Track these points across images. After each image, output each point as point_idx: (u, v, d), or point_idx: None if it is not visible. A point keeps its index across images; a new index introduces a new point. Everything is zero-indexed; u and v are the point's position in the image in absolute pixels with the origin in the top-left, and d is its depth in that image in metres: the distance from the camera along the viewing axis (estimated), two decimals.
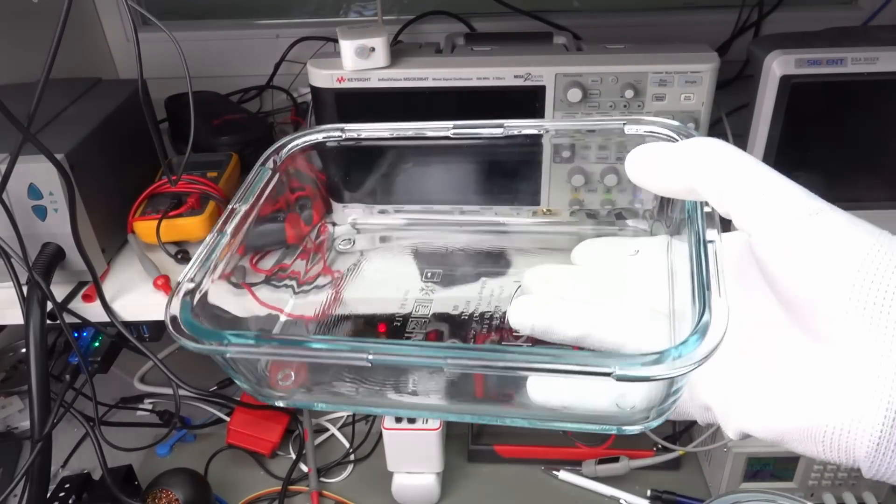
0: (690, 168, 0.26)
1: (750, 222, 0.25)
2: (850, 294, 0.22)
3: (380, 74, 0.56)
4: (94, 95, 0.70)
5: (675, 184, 0.27)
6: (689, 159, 0.27)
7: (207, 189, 0.67)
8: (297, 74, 0.89)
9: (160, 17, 0.55)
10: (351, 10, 0.95)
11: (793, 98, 0.56)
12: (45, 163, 0.53)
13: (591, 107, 0.56)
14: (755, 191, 0.25)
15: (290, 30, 0.90)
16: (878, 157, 0.59)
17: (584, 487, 0.86)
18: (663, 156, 0.27)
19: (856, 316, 0.22)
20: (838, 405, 0.22)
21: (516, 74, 0.55)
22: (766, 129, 0.57)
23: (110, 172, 0.65)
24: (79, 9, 0.84)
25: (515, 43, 0.61)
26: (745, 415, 0.25)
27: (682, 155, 0.27)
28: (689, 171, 0.26)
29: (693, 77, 0.55)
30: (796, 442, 0.24)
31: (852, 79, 0.55)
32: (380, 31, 0.55)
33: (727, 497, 0.62)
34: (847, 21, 0.84)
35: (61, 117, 0.64)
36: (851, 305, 0.22)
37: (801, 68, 0.55)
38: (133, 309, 0.60)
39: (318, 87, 0.57)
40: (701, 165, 0.26)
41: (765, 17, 0.84)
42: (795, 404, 0.23)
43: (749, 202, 0.25)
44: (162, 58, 0.63)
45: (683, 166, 0.27)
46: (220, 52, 0.91)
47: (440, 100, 0.57)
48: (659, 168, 0.27)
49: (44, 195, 0.56)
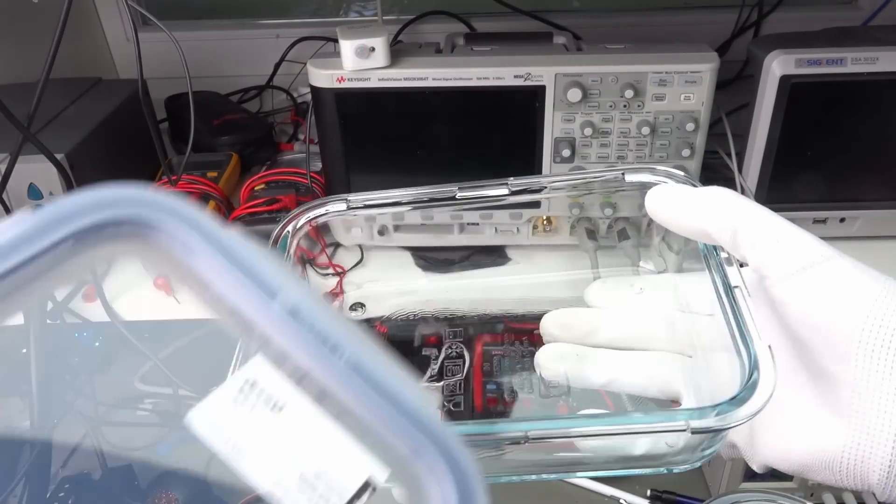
0: (708, 212, 0.29)
1: (767, 266, 0.27)
2: (861, 337, 0.24)
3: (380, 74, 0.56)
4: (94, 95, 0.70)
5: (691, 224, 0.29)
6: (708, 204, 0.29)
7: (207, 189, 0.67)
8: (297, 74, 0.89)
9: (160, 16, 0.55)
10: (351, 10, 0.95)
11: (793, 98, 0.56)
12: (45, 163, 0.53)
13: (590, 107, 0.56)
14: (771, 237, 0.27)
15: (290, 30, 0.90)
16: (877, 157, 0.59)
17: (584, 487, 0.86)
18: (682, 198, 0.30)
19: (865, 357, 0.24)
20: (852, 439, 0.25)
21: (516, 74, 0.55)
22: (765, 129, 0.57)
23: (110, 172, 0.65)
24: (79, 9, 0.84)
25: (515, 43, 0.61)
26: (768, 450, 0.28)
27: (701, 199, 0.29)
28: (707, 215, 0.29)
29: (693, 77, 0.55)
30: (815, 472, 0.26)
31: (852, 79, 0.55)
32: (380, 31, 0.55)
33: (727, 497, 0.62)
34: (847, 21, 0.84)
35: (61, 117, 0.64)
36: (861, 348, 0.24)
37: (800, 68, 0.55)
38: (134, 309, 0.60)
39: (318, 87, 0.57)
40: (718, 210, 0.28)
41: (765, 16, 0.84)
42: (813, 439, 0.26)
43: (766, 247, 0.27)
44: (162, 58, 0.63)
45: (701, 209, 0.29)
46: (220, 52, 0.91)
47: (440, 100, 0.57)
48: (677, 208, 0.30)
49: (44, 195, 0.56)
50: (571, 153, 0.58)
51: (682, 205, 0.30)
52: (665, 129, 0.57)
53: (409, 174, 0.61)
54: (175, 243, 0.15)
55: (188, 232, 0.15)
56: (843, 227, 0.63)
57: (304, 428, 0.18)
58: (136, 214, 0.15)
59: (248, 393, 0.19)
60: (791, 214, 0.69)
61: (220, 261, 0.15)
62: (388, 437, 0.15)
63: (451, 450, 0.15)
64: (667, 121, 0.57)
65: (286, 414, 0.19)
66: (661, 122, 0.57)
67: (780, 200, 0.61)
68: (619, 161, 0.59)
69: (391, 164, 0.61)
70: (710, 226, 0.28)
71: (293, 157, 0.76)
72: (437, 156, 0.60)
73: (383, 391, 0.15)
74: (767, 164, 0.59)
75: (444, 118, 0.59)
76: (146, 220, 0.15)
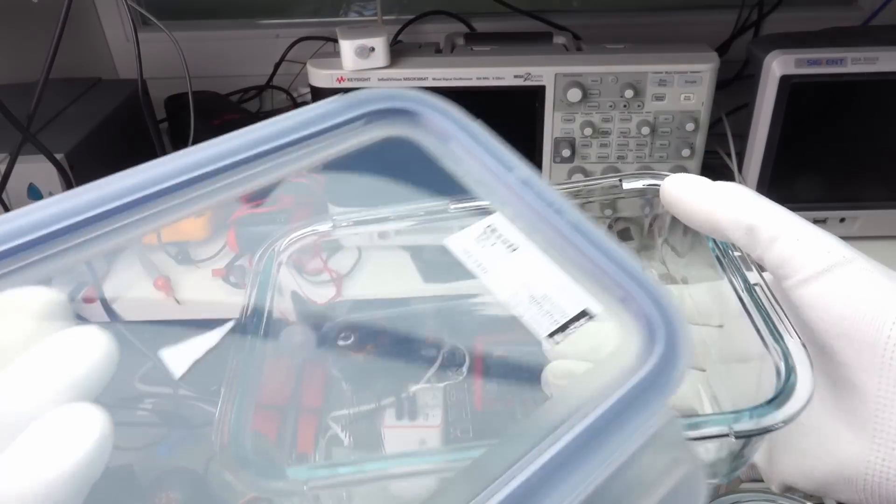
0: (725, 205, 0.28)
1: (786, 266, 0.26)
2: (887, 345, 0.23)
3: (379, 74, 0.56)
4: (94, 95, 0.70)
5: (706, 217, 0.28)
6: (725, 197, 0.28)
7: None
8: (296, 74, 0.89)
9: (160, 17, 0.55)
10: (351, 10, 0.95)
11: (792, 98, 0.56)
12: (44, 163, 0.53)
13: (590, 107, 0.56)
14: (791, 235, 0.26)
15: (289, 30, 0.90)
16: (877, 156, 0.59)
17: None
18: (699, 189, 0.29)
19: (892, 367, 0.23)
20: (877, 455, 0.23)
21: (516, 74, 0.55)
22: (765, 129, 0.57)
23: (110, 172, 0.65)
24: (78, 9, 0.84)
25: (515, 43, 0.61)
26: (787, 469, 0.26)
27: (718, 192, 0.28)
28: (723, 208, 0.27)
29: (693, 77, 0.55)
30: (838, 491, 0.25)
31: (852, 79, 0.55)
32: (379, 31, 0.55)
33: (727, 497, 0.62)
34: (847, 21, 0.84)
35: (61, 117, 0.64)
36: (888, 357, 0.23)
37: (800, 68, 0.55)
38: (134, 309, 0.60)
39: (317, 87, 0.57)
40: (735, 205, 0.27)
41: (765, 16, 0.84)
42: (835, 456, 0.24)
43: (785, 246, 0.26)
44: (161, 58, 0.63)
45: (718, 202, 0.28)
46: (220, 51, 0.91)
47: None
48: (694, 198, 0.29)
49: (43, 195, 0.56)
50: (571, 153, 0.58)
51: (699, 195, 0.29)
52: (665, 129, 0.57)
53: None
54: (436, 128, 0.21)
55: (446, 121, 0.21)
56: (843, 227, 0.63)
57: (533, 265, 0.24)
58: (410, 106, 0.21)
59: (490, 234, 0.25)
60: None
61: (470, 143, 0.21)
62: (602, 283, 0.18)
63: (658, 300, 0.17)
64: (667, 121, 0.57)
65: (519, 254, 0.24)
66: (661, 122, 0.57)
67: (780, 200, 0.61)
68: (620, 161, 0.59)
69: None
70: (726, 220, 0.27)
71: None
72: None
73: (598, 245, 0.18)
74: (767, 163, 0.59)
75: None
76: (417, 111, 0.21)
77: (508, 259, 0.25)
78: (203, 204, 0.18)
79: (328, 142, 0.20)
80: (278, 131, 0.19)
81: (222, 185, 0.18)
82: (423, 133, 0.21)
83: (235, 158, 0.18)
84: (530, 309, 0.24)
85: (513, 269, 0.24)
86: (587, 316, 0.23)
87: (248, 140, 0.19)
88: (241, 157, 0.18)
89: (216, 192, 0.18)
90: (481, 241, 0.25)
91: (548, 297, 0.24)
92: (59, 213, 0.18)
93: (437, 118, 0.21)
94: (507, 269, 0.25)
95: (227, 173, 0.18)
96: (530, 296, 0.24)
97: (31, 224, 0.18)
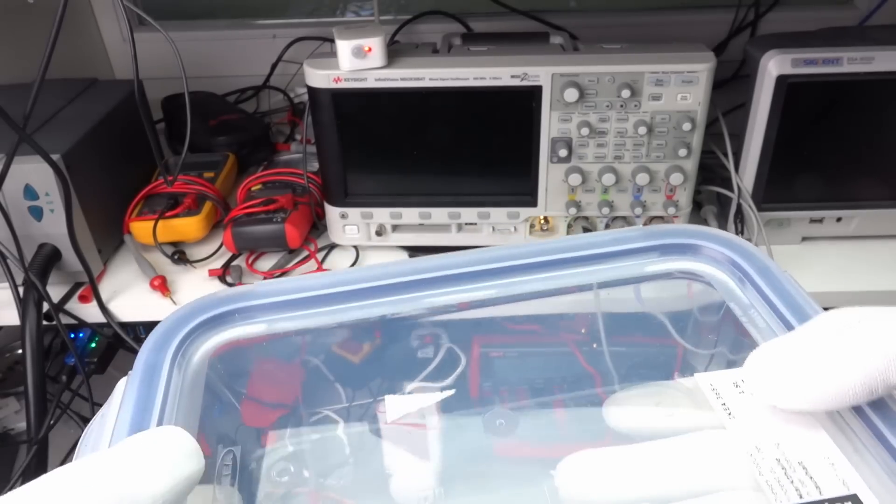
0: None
1: None
2: None
3: (376, 74, 0.56)
4: (91, 96, 0.70)
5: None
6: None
7: (204, 189, 0.66)
8: (293, 74, 0.89)
9: (156, 17, 0.55)
10: (347, 11, 0.95)
11: (789, 98, 0.56)
12: (41, 163, 0.53)
13: (587, 107, 0.56)
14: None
15: (286, 30, 0.90)
16: (874, 156, 0.60)
17: None
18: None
19: None
20: None
21: (513, 74, 0.55)
22: (762, 129, 0.57)
23: (107, 173, 0.65)
24: (74, 9, 0.84)
25: (512, 43, 0.61)
26: None
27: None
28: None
29: (689, 77, 0.55)
30: None
31: (848, 78, 0.55)
32: (376, 31, 0.55)
33: None
34: (843, 21, 0.84)
35: (57, 118, 0.64)
36: None
37: (797, 68, 0.55)
38: (129, 310, 0.60)
39: (314, 88, 0.57)
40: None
41: (761, 16, 0.84)
42: None
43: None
44: (158, 58, 0.63)
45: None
46: (217, 52, 0.91)
47: (437, 100, 0.57)
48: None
49: (40, 196, 0.56)
50: (568, 153, 0.58)
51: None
52: (662, 129, 0.57)
53: (406, 174, 0.61)
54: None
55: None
56: (840, 227, 0.63)
57: (794, 427, 0.22)
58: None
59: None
60: (788, 214, 0.68)
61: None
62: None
63: None
64: (663, 120, 0.57)
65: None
66: (658, 122, 0.57)
67: (777, 200, 0.61)
68: (617, 161, 0.59)
69: (388, 165, 0.61)
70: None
71: (290, 158, 0.76)
72: (433, 156, 0.60)
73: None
74: (764, 163, 0.59)
75: (441, 118, 0.59)
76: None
77: (766, 412, 0.22)
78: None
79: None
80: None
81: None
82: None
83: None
84: (772, 472, 0.21)
85: (767, 425, 0.22)
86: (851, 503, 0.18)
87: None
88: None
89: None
90: (740, 386, 0.23)
91: (803, 465, 0.20)
92: None
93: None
94: (760, 421, 0.22)
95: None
96: (776, 458, 0.21)
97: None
